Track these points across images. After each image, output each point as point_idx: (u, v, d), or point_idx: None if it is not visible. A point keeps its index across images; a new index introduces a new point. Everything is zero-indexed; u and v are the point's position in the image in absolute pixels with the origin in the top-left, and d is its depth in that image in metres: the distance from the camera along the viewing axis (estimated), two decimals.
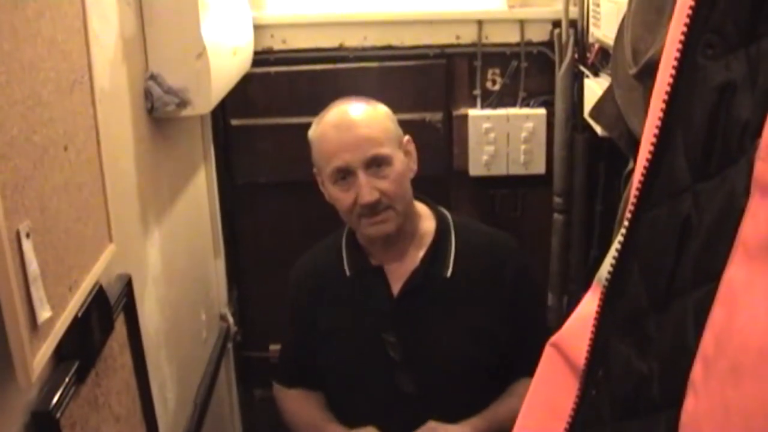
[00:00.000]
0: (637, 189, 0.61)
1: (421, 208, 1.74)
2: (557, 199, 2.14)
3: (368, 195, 1.55)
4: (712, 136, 0.54)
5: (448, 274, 1.67)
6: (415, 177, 2.19)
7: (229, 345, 2.19)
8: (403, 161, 1.64)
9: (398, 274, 1.68)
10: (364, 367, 1.68)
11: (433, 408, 1.63)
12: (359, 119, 1.61)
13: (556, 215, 2.16)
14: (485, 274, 1.69)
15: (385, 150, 1.59)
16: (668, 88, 0.58)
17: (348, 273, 1.71)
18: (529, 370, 1.71)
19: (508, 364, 1.71)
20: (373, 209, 1.58)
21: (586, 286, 0.80)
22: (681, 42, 0.57)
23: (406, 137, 1.69)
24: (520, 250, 1.82)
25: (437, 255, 1.68)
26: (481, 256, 1.71)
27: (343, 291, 1.71)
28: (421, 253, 1.68)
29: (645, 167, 0.60)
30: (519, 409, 1.68)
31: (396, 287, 1.67)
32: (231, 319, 2.17)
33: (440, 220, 1.73)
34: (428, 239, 1.70)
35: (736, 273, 0.51)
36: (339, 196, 1.61)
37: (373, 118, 1.63)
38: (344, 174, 1.59)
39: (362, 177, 1.56)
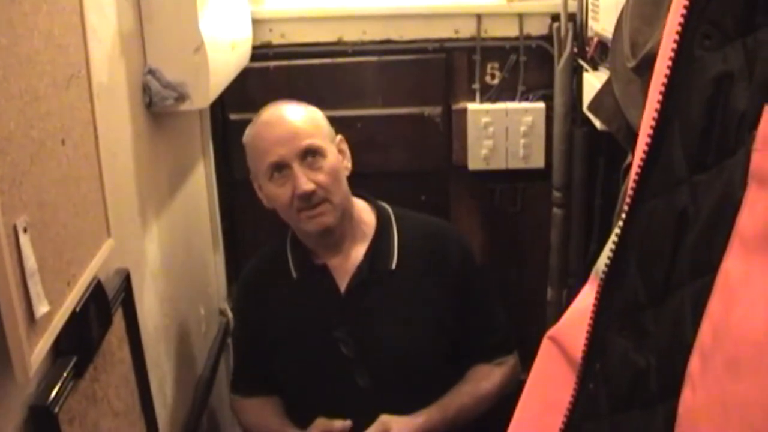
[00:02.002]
0: (635, 181, 0.61)
1: (360, 203, 1.74)
2: (556, 193, 2.14)
3: (305, 184, 1.56)
4: (710, 127, 0.54)
5: (393, 266, 1.67)
6: (413, 171, 2.20)
7: (229, 340, 2.19)
8: (337, 157, 1.64)
9: (343, 270, 1.68)
10: (319, 366, 1.68)
11: (391, 401, 1.63)
12: (290, 114, 1.63)
13: (555, 209, 2.15)
14: (430, 263, 1.70)
15: (318, 141, 1.60)
16: (665, 80, 0.58)
17: (294, 274, 1.71)
18: (482, 356, 1.74)
19: (462, 351, 1.72)
20: (309, 200, 1.58)
21: (585, 280, 0.79)
22: (678, 33, 0.56)
23: (339, 136, 1.70)
24: (463, 236, 1.84)
25: (380, 248, 1.69)
26: (424, 245, 1.72)
27: (291, 293, 1.71)
28: (364, 248, 1.69)
29: (642, 159, 0.60)
30: (473, 394, 1.71)
31: (342, 284, 1.67)
32: (230, 314, 2.17)
33: (380, 214, 1.73)
34: (370, 233, 1.70)
35: (733, 265, 0.51)
36: (276, 191, 1.61)
37: (303, 114, 1.64)
38: (279, 168, 1.59)
39: (297, 168, 1.57)
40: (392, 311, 1.66)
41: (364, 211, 1.73)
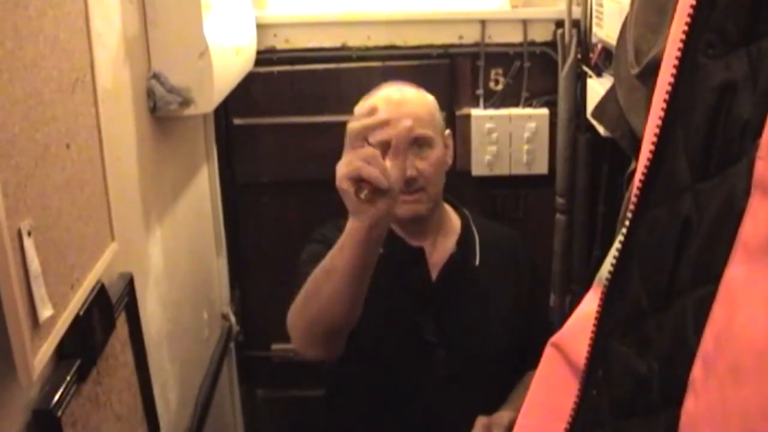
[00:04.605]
0: (638, 189, 0.61)
1: (445, 205, 1.78)
2: (560, 200, 2.14)
3: (408, 169, 1.53)
4: (713, 135, 0.54)
5: (477, 262, 1.72)
6: None
7: (231, 344, 2.19)
8: (443, 151, 1.66)
9: (434, 258, 1.70)
10: (397, 349, 1.66)
11: (462, 390, 1.64)
12: (410, 98, 1.64)
13: (558, 215, 2.15)
14: (505, 265, 1.75)
15: (430, 132, 1.62)
16: (669, 88, 0.58)
17: (381, 250, 1.55)
18: (537, 362, 1.73)
19: (519, 354, 1.73)
20: (409, 186, 1.57)
21: (588, 287, 0.79)
22: (682, 41, 0.56)
23: (447, 131, 1.72)
24: (526, 243, 1.88)
25: (468, 243, 1.73)
26: (499, 247, 1.77)
27: (376, 269, 1.52)
28: (454, 241, 1.72)
29: (645, 167, 0.60)
30: None
31: (434, 271, 1.69)
32: (233, 319, 2.17)
33: (462, 215, 1.79)
34: (456, 230, 1.75)
35: (736, 273, 0.51)
36: None
37: (422, 101, 1.66)
38: (385, 148, 1.57)
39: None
40: (475, 305, 1.70)
41: (449, 211, 1.78)
